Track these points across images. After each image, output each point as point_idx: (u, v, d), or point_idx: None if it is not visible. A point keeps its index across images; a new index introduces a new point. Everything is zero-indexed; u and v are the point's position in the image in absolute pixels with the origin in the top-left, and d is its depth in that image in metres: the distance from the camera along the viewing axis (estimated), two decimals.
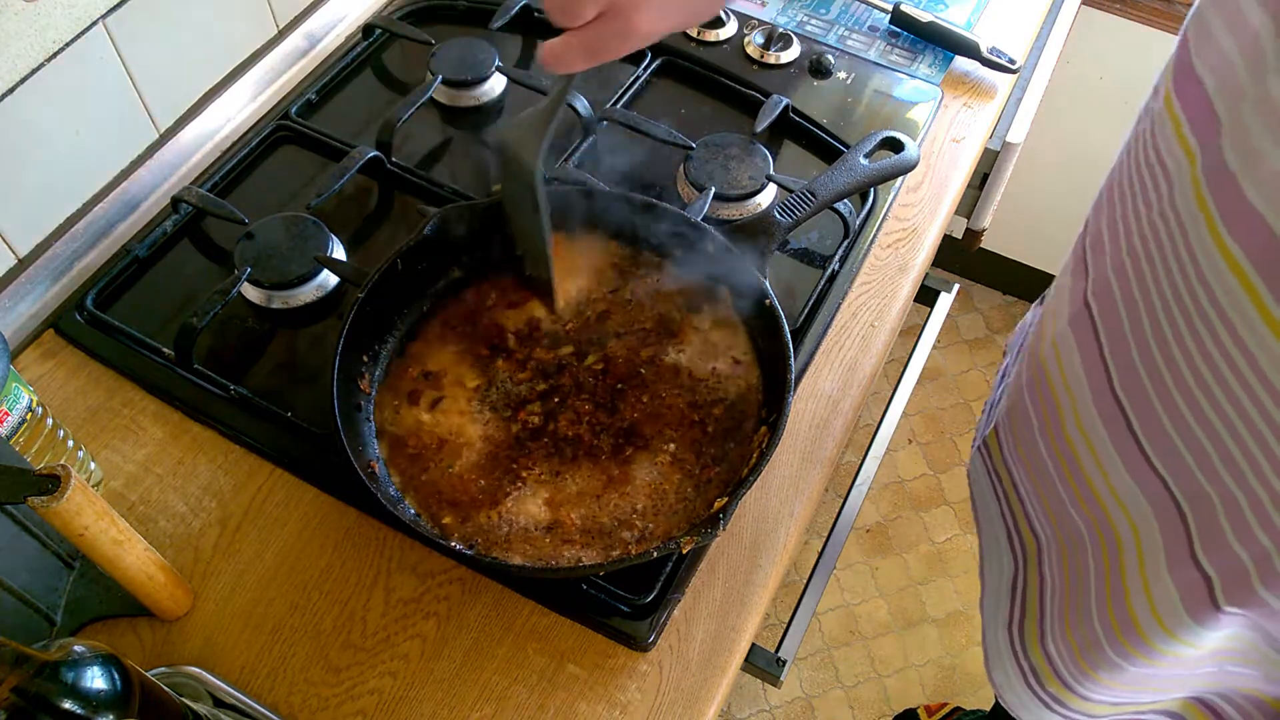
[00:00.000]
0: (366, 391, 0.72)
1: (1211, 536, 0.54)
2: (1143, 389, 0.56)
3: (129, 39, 0.82)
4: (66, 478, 0.53)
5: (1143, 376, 0.56)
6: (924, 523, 1.70)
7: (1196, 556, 0.55)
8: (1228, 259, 0.47)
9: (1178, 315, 0.52)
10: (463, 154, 0.94)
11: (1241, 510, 0.51)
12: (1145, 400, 0.56)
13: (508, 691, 0.65)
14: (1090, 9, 1.39)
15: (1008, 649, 0.75)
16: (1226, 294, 0.48)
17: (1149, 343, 0.55)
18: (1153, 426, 0.56)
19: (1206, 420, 0.51)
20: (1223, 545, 0.53)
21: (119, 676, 0.47)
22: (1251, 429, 0.49)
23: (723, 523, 0.62)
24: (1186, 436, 0.53)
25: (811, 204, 0.77)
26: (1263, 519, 0.50)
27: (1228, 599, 0.54)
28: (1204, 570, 0.55)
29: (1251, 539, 0.52)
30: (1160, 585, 0.58)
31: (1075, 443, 0.64)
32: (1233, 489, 0.52)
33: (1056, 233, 1.77)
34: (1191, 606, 0.57)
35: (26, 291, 0.81)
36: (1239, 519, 0.52)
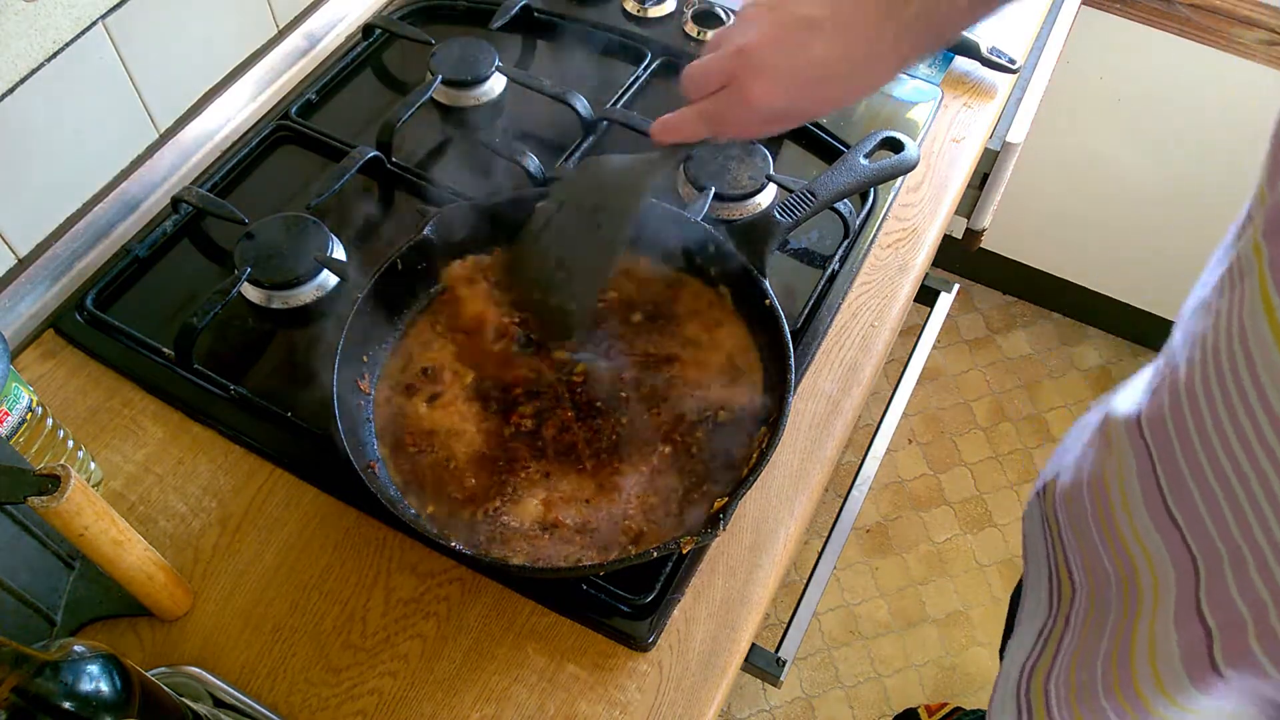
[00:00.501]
0: (366, 391, 0.72)
1: (1216, 589, 0.54)
2: (1168, 436, 0.56)
3: (129, 39, 0.82)
4: (66, 478, 0.53)
5: (1168, 422, 0.56)
6: (924, 523, 1.70)
7: (1201, 609, 0.55)
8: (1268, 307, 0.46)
9: (1210, 364, 0.52)
10: (463, 154, 0.94)
11: (1245, 563, 0.51)
12: (1169, 448, 0.56)
13: (508, 691, 0.65)
14: (1090, 9, 1.39)
15: (1013, 688, 0.75)
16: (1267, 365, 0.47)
17: (1179, 390, 0.55)
18: (1174, 475, 0.56)
19: (1222, 472, 0.51)
20: (1225, 598, 0.53)
21: (119, 676, 0.47)
22: (1265, 485, 0.49)
23: (723, 523, 0.62)
24: (1203, 488, 0.53)
25: (811, 204, 0.77)
26: (1263, 571, 0.50)
27: (1225, 657, 0.54)
28: (1206, 623, 0.55)
29: (1251, 591, 0.51)
30: (1165, 642, 0.58)
31: (1110, 486, 0.64)
32: (1239, 543, 0.51)
33: (1056, 233, 1.77)
34: (1191, 666, 0.56)
35: (26, 291, 0.81)
36: (1242, 571, 0.52)
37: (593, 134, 0.93)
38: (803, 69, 0.56)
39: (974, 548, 1.67)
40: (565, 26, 1.03)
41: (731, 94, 0.58)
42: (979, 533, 1.69)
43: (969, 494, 1.73)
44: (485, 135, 0.91)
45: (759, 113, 0.58)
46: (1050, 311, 1.94)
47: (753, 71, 0.57)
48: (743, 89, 0.57)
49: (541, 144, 0.93)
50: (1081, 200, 1.68)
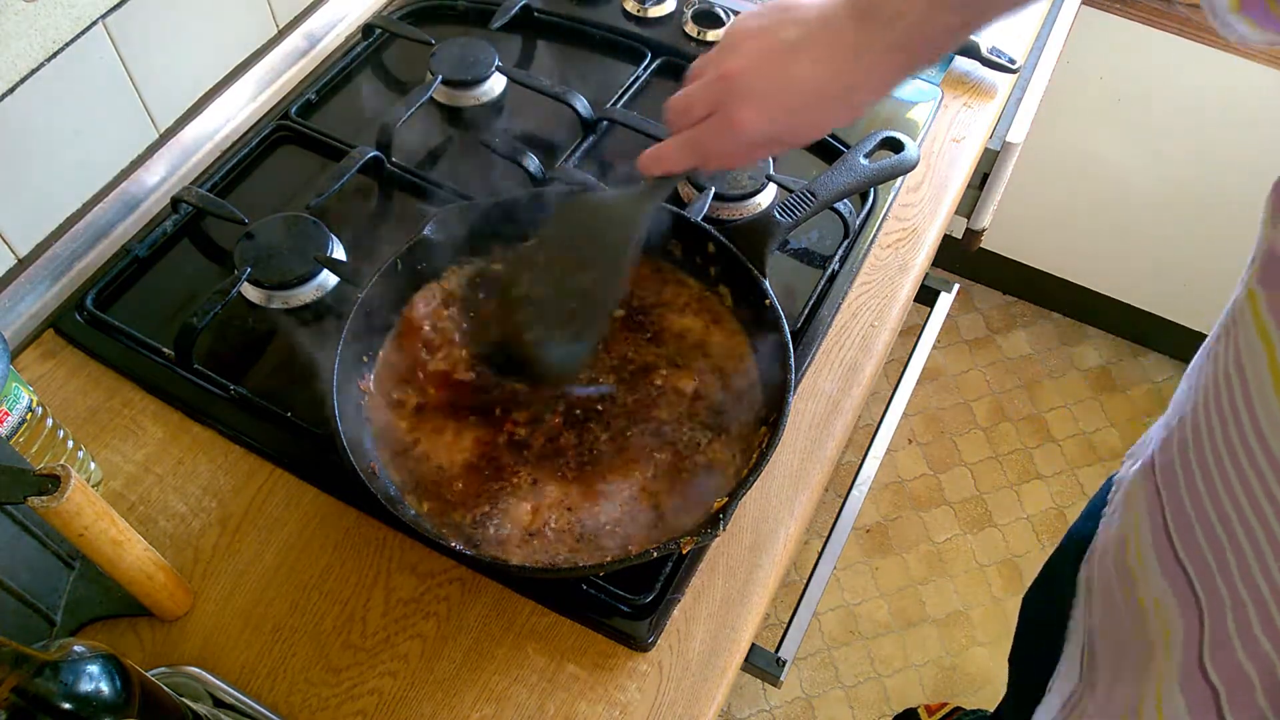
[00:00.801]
0: (366, 391, 0.72)
1: (1220, 642, 0.54)
2: (1175, 481, 0.56)
3: (129, 39, 0.82)
4: (66, 478, 0.53)
5: (1176, 467, 0.56)
6: (924, 523, 1.70)
7: (1204, 665, 0.55)
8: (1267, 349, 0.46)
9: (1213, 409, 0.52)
10: (463, 154, 0.94)
11: (1247, 613, 0.51)
12: (1177, 493, 0.56)
13: (508, 691, 0.65)
14: (1090, 9, 1.39)
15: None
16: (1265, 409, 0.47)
17: (1186, 436, 0.55)
18: (1182, 521, 0.56)
19: (1226, 516, 0.51)
20: (1229, 654, 0.53)
21: (119, 676, 0.47)
22: (1266, 529, 0.49)
23: (723, 523, 0.62)
24: (1208, 532, 0.53)
25: (811, 204, 0.77)
26: (1266, 625, 0.50)
27: (1233, 711, 0.54)
28: (1211, 682, 0.54)
29: (1254, 645, 0.51)
30: (1171, 703, 0.58)
31: (1129, 543, 0.64)
32: (1240, 589, 0.51)
33: (1056, 233, 1.77)
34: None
35: (26, 291, 0.81)
36: (1244, 622, 0.51)
37: (593, 134, 0.93)
38: (789, 94, 0.56)
39: (974, 548, 1.67)
40: (565, 26, 1.03)
41: (718, 121, 0.58)
42: (979, 533, 1.69)
43: (969, 494, 1.73)
44: (485, 135, 0.91)
45: (746, 139, 0.58)
46: (1050, 311, 1.94)
47: (738, 98, 0.56)
48: (729, 116, 0.57)
49: (541, 144, 0.93)
50: (1081, 200, 1.68)
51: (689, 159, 0.61)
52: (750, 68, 0.56)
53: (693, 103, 0.58)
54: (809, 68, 0.56)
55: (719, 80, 0.57)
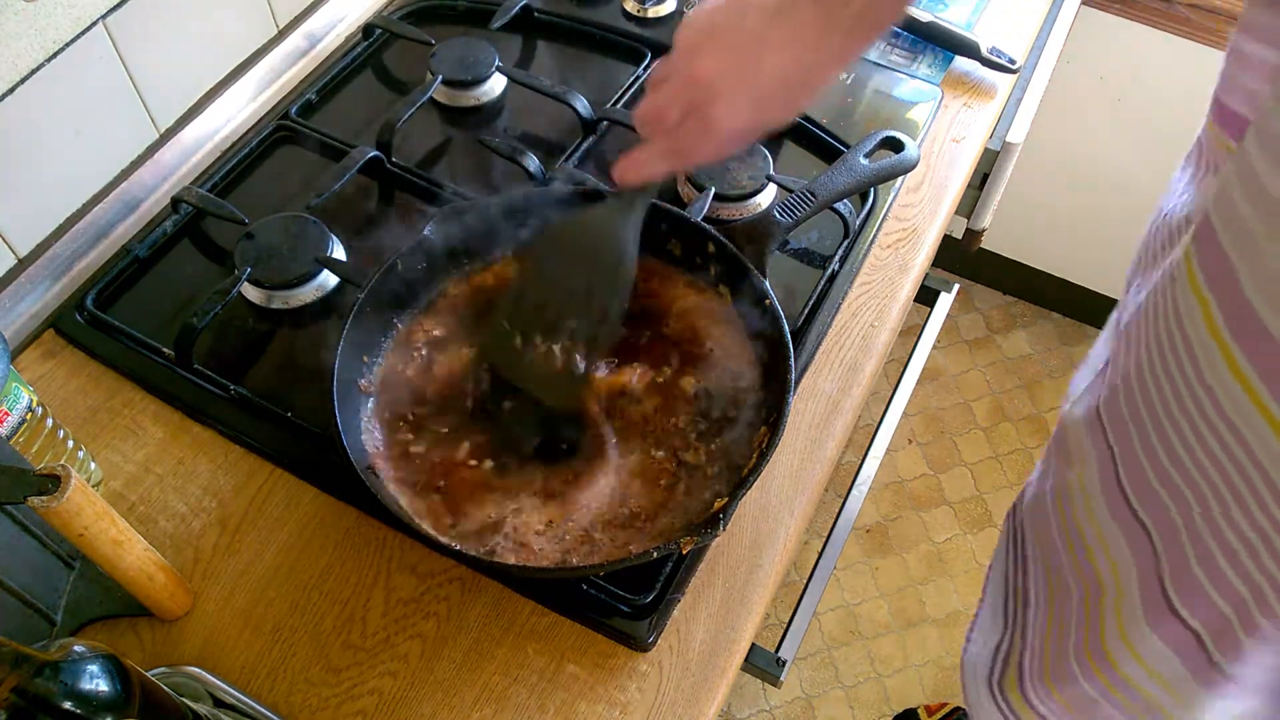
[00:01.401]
0: (366, 392, 0.72)
1: (1184, 583, 0.55)
2: (1128, 434, 0.56)
3: (129, 39, 0.82)
4: (66, 478, 0.53)
5: (1126, 419, 0.57)
6: (924, 523, 1.70)
7: (1173, 606, 0.56)
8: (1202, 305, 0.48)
9: (1158, 363, 0.53)
10: (463, 154, 0.94)
11: (1213, 555, 0.52)
12: (1128, 441, 0.56)
13: (508, 691, 0.65)
14: (1090, 9, 1.39)
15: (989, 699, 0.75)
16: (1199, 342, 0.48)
17: (1133, 389, 0.56)
18: (1133, 468, 0.57)
19: (1179, 460, 0.52)
20: (1199, 593, 0.54)
21: (119, 676, 0.47)
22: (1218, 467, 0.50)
23: (723, 523, 0.62)
24: (1162, 478, 0.54)
25: (811, 204, 0.77)
26: (1234, 564, 0.51)
27: (1221, 652, 0.55)
28: (1186, 622, 0.55)
29: (1226, 586, 0.52)
30: (1144, 642, 0.59)
31: (1073, 489, 0.64)
32: (1202, 532, 0.52)
33: (1056, 233, 1.77)
34: (1188, 662, 0.57)
35: (26, 291, 0.81)
36: (1211, 564, 0.52)
37: (593, 134, 0.93)
38: (760, 84, 0.56)
39: (974, 548, 1.67)
40: (565, 26, 1.03)
41: (694, 123, 0.58)
42: (979, 533, 1.69)
43: (969, 494, 1.73)
44: (485, 135, 0.91)
45: (724, 135, 0.58)
46: (1050, 311, 1.94)
47: (712, 97, 0.56)
48: (705, 116, 0.57)
49: (541, 144, 0.93)
50: (1082, 200, 1.68)
51: (669, 164, 0.61)
52: (719, 65, 0.56)
53: (664, 109, 0.58)
54: (777, 56, 0.56)
55: (689, 82, 0.57)
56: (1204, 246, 0.48)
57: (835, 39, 0.56)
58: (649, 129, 0.60)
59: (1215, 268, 0.47)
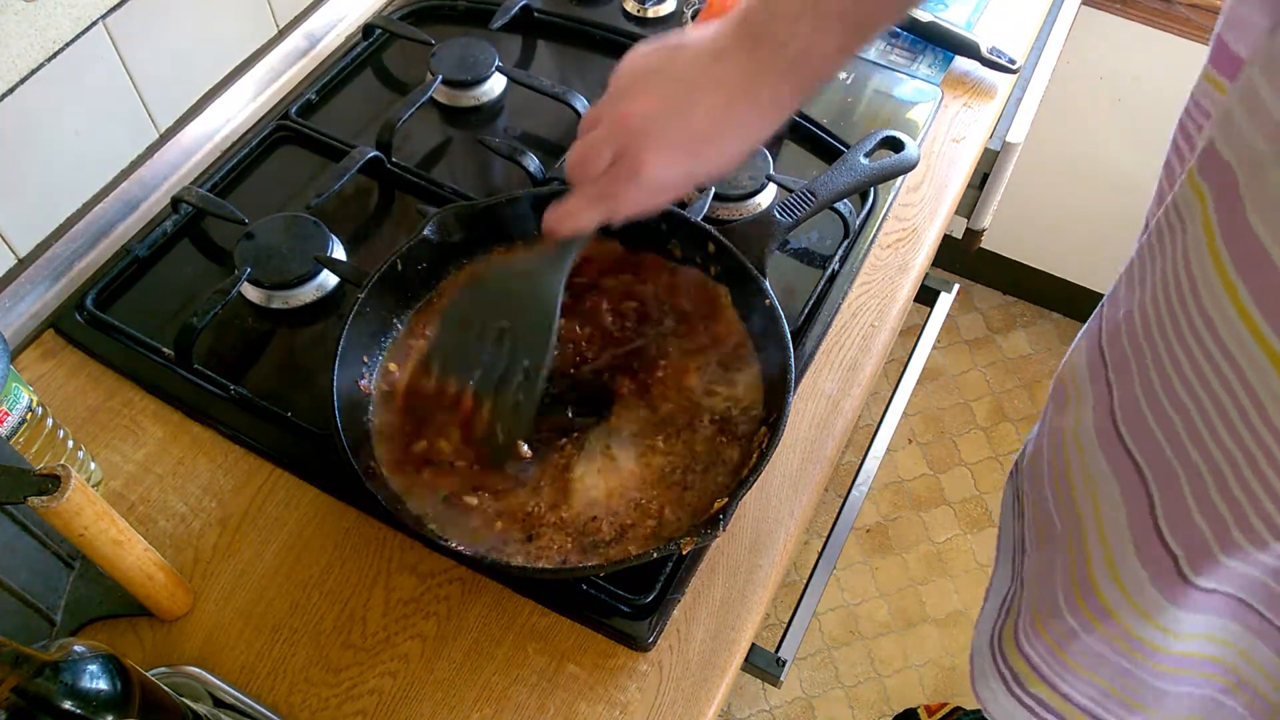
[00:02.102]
0: (366, 391, 0.72)
1: (1173, 510, 0.55)
2: (1129, 372, 0.57)
3: (129, 39, 0.82)
4: (66, 478, 0.53)
5: (1129, 359, 0.57)
6: (924, 523, 1.70)
7: (1161, 532, 0.56)
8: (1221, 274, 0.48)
9: (1161, 302, 0.53)
10: (463, 154, 0.94)
11: (1202, 478, 0.53)
12: (1129, 384, 0.57)
13: (508, 691, 0.65)
14: (1090, 9, 1.39)
15: (989, 658, 0.76)
16: (1207, 286, 0.49)
17: (1136, 329, 0.56)
18: (1129, 407, 0.57)
19: (1174, 393, 0.53)
20: (1185, 520, 0.55)
21: (119, 676, 0.47)
22: (1211, 396, 0.51)
23: (723, 523, 0.62)
24: (1156, 411, 0.55)
25: (811, 204, 0.77)
26: (1220, 485, 0.52)
27: (1194, 570, 0.55)
28: (1169, 547, 0.56)
29: (1211, 509, 0.53)
30: (1129, 569, 0.59)
31: (1067, 436, 0.65)
32: (1193, 457, 0.53)
33: (1056, 233, 1.77)
34: (1160, 584, 0.58)
35: (26, 291, 0.81)
36: (1201, 491, 0.53)
37: None
38: (690, 131, 0.56)
39: (974, 548, 1.67)
40: (565, 26, 1.03)
41: (622, 168, 0.56)
42: (979, 533, 1.69)
43: (969, 494, 1.73)
44: (485, 135, 0.91)
45: (653, 183, 0.57)
46: (1050, 311, 1.94)
47: (640, 141, 0.55)
48: (634, 161, 0.56)
49: (541, 144, 0.93)
50: (1082, 200, 1.68)
51: (598, 212, 0.59)
52: (648, 109, 0.56)
53: (593, 152, 0.57)
54: (707, 102, 0.55)
55: (618, 125, 0.56)
56: (1212, 176, 0.48)
57: (765, 89, 0.55)
58: (577, 174, 0.58)
59: (1222, 196, 0.47)
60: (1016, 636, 0.72)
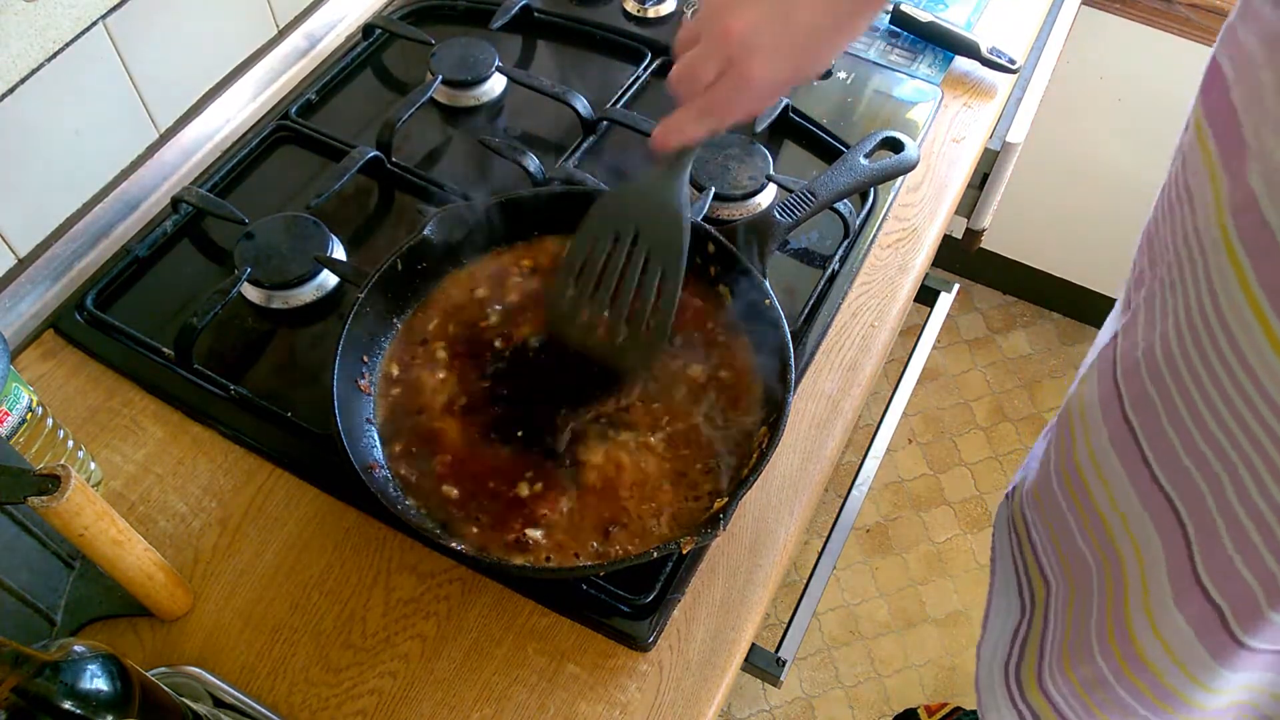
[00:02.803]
0: (366, 392, 0.72)
1: (1215, 560, 0.54)
2: (1153, 409, 0.56)
3: (129, 39, 0.82)
4: (66, 478, 0.53)
5: (1152, 396, 0.56)
6: (924, 523, 1.70)
7: (1202, 583, 0.55)
8: (1240, 278, 0.47)
9: (1188, 337, 0.52)
10: (463, 154, 0.94)
11: (1245, 531, 0.52)
12: (1155, 420, 0.56)
13: (508, 691, 0.65)
14: (1090, 9, 1.39)
15: (1004, 692, 0.75)
16: (1236, 316, 0.48)
17: (1159, 364, 0.55)
18: (1161, 445, 0.56)
19: (1212, 437, 0.52)
20: (1228, 569, 0.53)
21: (119, 676, 0.47)
22: (1255, 444, 0.49)
23: (723, 523, 0.62)
24: (1194, 454, 0.54)
25: (811, 204, 0.77)
26: (1268, 538, 0.51)
27: (1243, 627, 0.54)
28: (1212, 599, 0.55)
29: (1258, 562, 0.52)
30: (1168, 619, 0.58)
31: (1085, 469, 0.64)
32: (1236, 507, 0.52)
33: (1056, 233, 1.77)
34: (1208, 641, 0.56)
35: (26, 291, 0.81)
36: (1243, 541, 0.52)
37: (593, 134, 0.93)
38: (796, 36, 0.56)
39: (974, 548, 1.67)
40: (565, 26, 1.03)
41: (731, 79, 0.57)
42: (979, 533, 1.69)
43: (969, 494, 1.73)
44: (485, 135, 0.91)
45: (762, 89, 0.58)
46: (1050, 311, 1.94)
47: (747, 53, 0.56)
48: (742, 72, 0.57)
49: (541, 144, 0.93)
50: (1081, 200, 1.68)
51: (706, 124, 0.61)
52: (753, 20, 0.56)
53: (699, 68, 0.58)
54: (809, 8, 0.56)
55: (721, 39, 0.57)
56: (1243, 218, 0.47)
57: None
58: (684, 89, 0.59)
59: (1255, 237, 0.46)
60: (1040, 674, 0.70)
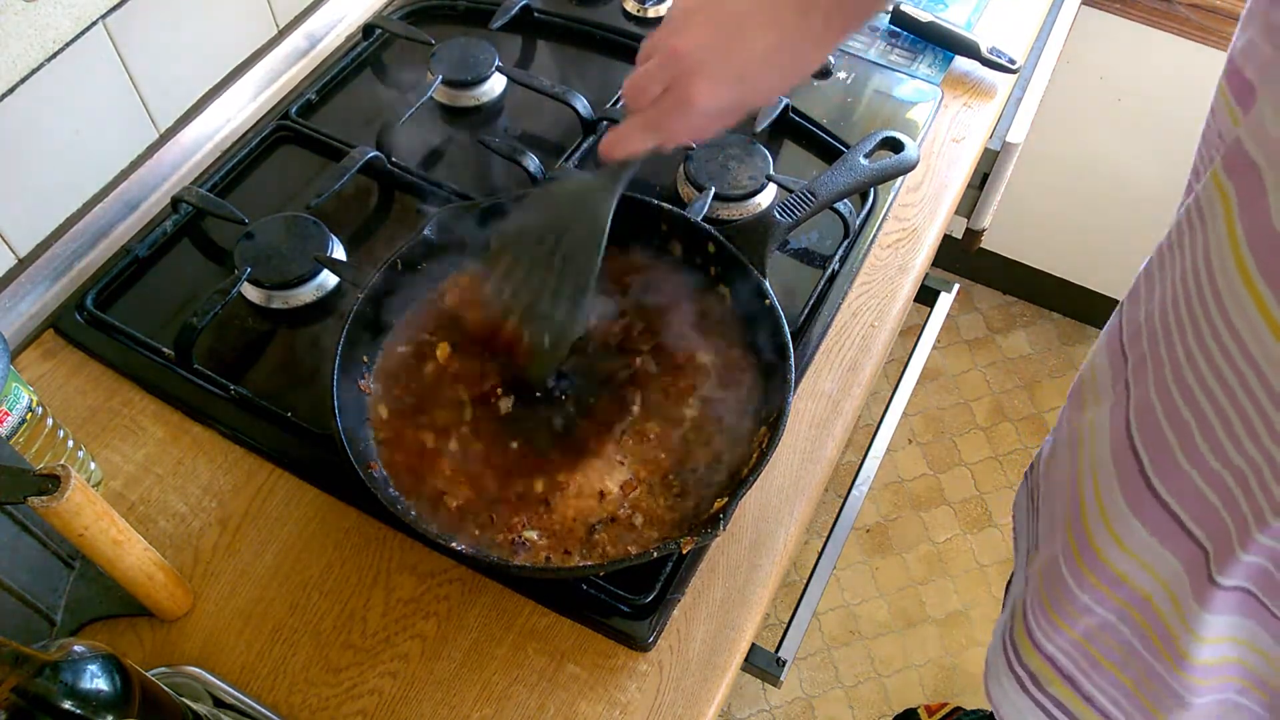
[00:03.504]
0: (366, 391, 0.72)
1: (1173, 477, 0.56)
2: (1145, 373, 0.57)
3: (129, 39, 0.82)
4: (66, 478, 0.53)
5: (1147, 362, 0.57)
6: (924, 523, 1.70)
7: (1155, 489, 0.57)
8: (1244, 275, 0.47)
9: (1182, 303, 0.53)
10: (463, 154, 0.94)
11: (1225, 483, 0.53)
12: (1144, 385, 0.57)
13: (508, 691, 0.65)
14: (1090, 9, 1.39)
15: (1003, 660, 0.75)
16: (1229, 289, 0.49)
17: (1155, 324, 0.56)
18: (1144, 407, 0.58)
19: (1193, 398, 0.53)
20: (1213, 515, 0.55)
21: (119, 676, 0.47)
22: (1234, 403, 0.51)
23: (723, 523, 0.62)
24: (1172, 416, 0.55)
25: (811, 204, 0.77)
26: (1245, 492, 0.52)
27: (1219, 569, 0.55)
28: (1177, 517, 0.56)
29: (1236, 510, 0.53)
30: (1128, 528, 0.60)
31: (1083, 429, 0.65)
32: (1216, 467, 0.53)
33: (1056, 233, 1.77)
34: (1191, 579, 0.58)
35: (26, 291, 0.81)
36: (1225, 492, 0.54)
37: (593, 134, 0.93)
38: (741, 63, 0.57)
39: (974, 548, 1.67)
40: (565, 26, 1.03)
41: (673, 97, 0.58)
42: (979, 533, 1.69)
43: (969, 494, 1.73)
44: (485, 135, 0.91)
45: (703, 112, 0.58)
46: (1050, 311, 1.94)
47: (691, 72, 0.57)
48: (685, 91, 0.57)
49: (541, 144, 0.93)
50: (1081, 200, 1.68)
51: (649, 138, 0.61)
52: (701, 42, 0.57)
53: (647, 82, 0.59)
54: (759, 34, 0.56)
55: (670, 57, 0.57)
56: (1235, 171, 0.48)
57: (816, 21, 0.56)
58: (631, 100, 0.60)
59: (1247, 191, 0.47)
60: (1029, 629, 0.71)
